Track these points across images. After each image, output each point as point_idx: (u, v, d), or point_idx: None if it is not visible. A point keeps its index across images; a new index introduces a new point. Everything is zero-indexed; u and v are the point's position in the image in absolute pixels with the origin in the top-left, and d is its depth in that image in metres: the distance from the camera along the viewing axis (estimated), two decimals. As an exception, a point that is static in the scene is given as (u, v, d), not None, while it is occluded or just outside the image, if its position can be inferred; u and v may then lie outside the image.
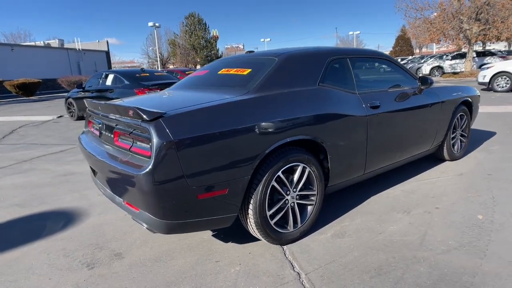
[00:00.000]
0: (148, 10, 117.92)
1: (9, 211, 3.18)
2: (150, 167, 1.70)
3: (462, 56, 20.08)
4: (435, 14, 17.52)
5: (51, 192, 3.65)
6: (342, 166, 2.53)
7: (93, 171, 2.52)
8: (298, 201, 2.33)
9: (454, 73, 18.73)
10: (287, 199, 2.26)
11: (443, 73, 20.30)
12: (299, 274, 1.99)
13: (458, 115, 3.75)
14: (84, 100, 2.72)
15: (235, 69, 2.61)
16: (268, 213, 2.16)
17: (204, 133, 1.82)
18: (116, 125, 2.11)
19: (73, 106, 9.47)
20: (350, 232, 2.45)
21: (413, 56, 36.72)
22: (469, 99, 3.89)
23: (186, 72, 12.10)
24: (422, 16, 18.78)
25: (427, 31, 18.13)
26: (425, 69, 21.25)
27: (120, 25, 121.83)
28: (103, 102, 2.30)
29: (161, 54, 41.92)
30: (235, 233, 2.50)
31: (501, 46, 37.03)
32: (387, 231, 2.42)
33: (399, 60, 35.33)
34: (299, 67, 2.45)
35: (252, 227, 2.16)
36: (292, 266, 2.08)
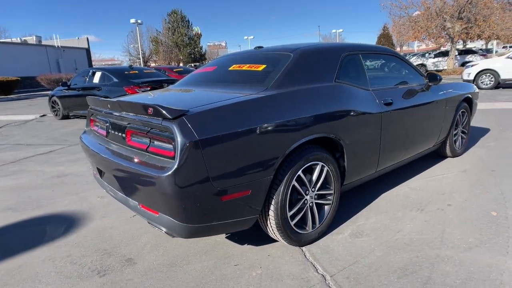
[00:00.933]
0: (128, 7, 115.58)
1: (3, 216, 3.00)
2: (174, 168, 1.60)
3: (445, 54, 20.55)
4: (418, 12, 17.83)
5: (46, 195, 3.47)
6: (357, 164, 2.49)
7: (100, 172, 2.39)
8: (316, 201, 2.27)
9: (437, 71, 19.12)
10: (306, 199, 2.20)
11: (426, 71, 20.70)
12: (323, 276, 1.94)
13: (460, 111, 3.78)
14: (87, 98, 2.57)
15: (248, 65, 2.52)
16: (289, 214, 2.09)
17: (228, 132, 1.73)
18: (129, 123, 1.99)
19: (58, 105, 9.13)
20: (367, 231, 2.41)
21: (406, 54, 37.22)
22: (470, 95, 3.92)
23: (174, 70, 11.84)
24: (407, 15, 19.09)
25: (411, 29, 18.44)
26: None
27: (99, 22, 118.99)
28: (114, 99, 2.17)
29: (143, 52, 41.05)
30: (249, 235, 2.42)
31: (479, 44, 38.07)
32: (405, 230, 2.39)
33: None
34: (316, 63, 2.39)
35: (272, 229, 2.09)
36: (315, 268, 2.02)
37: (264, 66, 2.39)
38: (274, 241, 2.32)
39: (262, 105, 1.95)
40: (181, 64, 43.59)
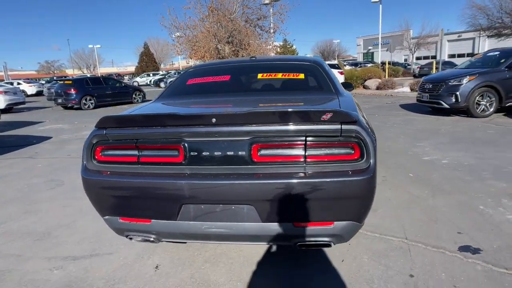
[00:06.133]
0: None
1: None
2: (373, 167, 1.65)
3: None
4: (199, 33, 19.92)
5: None
6: None
7: (178, 211, 1.79)
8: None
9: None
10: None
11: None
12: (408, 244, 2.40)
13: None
14: (107, 117, 1.79)
15: (281, 73, 2.59)
16: None
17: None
18: (256, 137, 1.70)
19: None
20: (396, 215, 2.83)
21: (175, 71, 38.92)
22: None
23: None
24: (184, 35, 20.86)
25: (191, 49, 20.34)
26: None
27: None
28: (223, 111, 1.72)
29: None
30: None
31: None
32: (412, 203, 3.17)
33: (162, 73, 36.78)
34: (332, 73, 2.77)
35: None
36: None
37: (302, 74, 2.55)
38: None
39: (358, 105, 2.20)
40: None
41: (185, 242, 2.39)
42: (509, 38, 20.31)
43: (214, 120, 1.71)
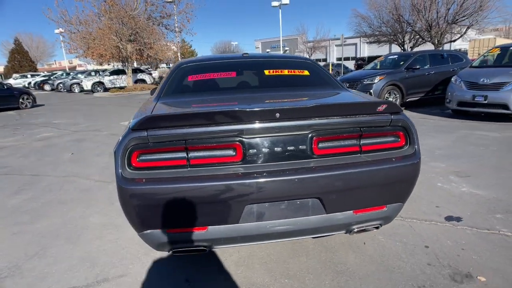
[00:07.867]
0: None
1: None
2: (418, 153, 1.84)
3: (119, 72, 22.09)
4: (97, 30, 17.90)
5: None
6: None
7: (233, 214, 1.67)
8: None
9: (121, 88, 20.26)
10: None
11: (106, 88, 21.23)
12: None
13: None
14: (152, 116, 1.55)
15: (287, 70, 2.62)
16: None
17: None
18: (315, 131, 1.74)
19: None
20: None
21: (62, 71, 33.98)
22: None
23: None
24: (77, 31, 18.61)
25: (88, 46, 18.23)
26: (86, 84, 21.33)
27: None
28: (285, 106, 1.66)
29: None
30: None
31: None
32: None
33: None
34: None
35: None
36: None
37: (306, 71, 2.62)
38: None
39: None
40: None
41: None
42: (386, 44, 24.13)
43: (278, 115, 1.67)
